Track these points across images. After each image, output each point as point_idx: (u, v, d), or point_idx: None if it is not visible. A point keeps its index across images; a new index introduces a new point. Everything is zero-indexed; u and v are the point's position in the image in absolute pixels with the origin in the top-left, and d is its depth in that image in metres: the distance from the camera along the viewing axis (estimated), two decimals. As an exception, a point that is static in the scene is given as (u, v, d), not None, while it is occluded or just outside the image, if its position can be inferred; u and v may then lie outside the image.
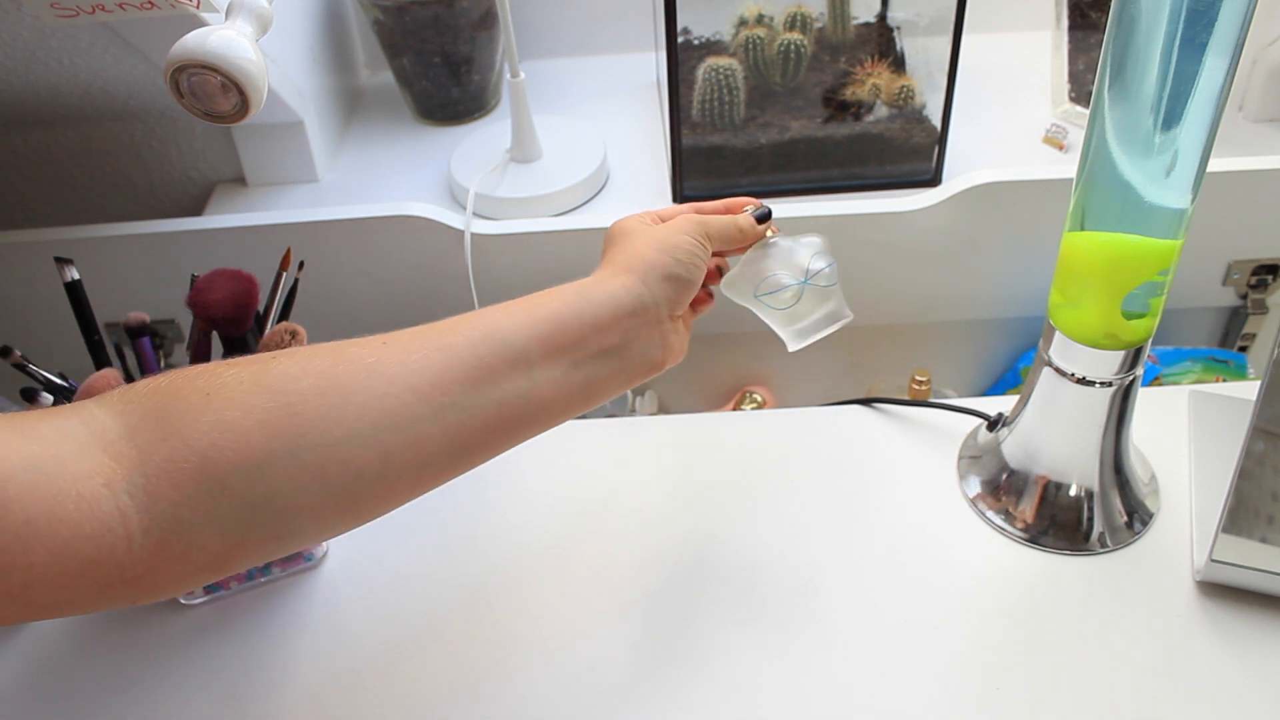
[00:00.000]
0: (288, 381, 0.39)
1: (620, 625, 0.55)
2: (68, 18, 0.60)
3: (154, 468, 0.37)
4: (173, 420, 0.38)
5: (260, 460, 0.38)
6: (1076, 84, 0.87)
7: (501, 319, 0.45)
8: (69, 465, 0.35)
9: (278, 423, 0.38)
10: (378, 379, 0.41)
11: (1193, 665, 0.52)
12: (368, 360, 0.41)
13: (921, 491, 0.62)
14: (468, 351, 0.43)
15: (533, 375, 0.44)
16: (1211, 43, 0.42)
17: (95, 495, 0.35)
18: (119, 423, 0.37)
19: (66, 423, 0.37)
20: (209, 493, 0.37)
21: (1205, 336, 0.90)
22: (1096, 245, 0.51)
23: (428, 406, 0.41)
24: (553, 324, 0.45)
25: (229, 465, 0.37)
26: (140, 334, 0.57)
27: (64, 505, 0.34)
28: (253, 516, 0.38)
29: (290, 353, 0.41)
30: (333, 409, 0.39)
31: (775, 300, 0.56)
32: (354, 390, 0.40)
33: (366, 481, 0.40)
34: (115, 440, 0.37)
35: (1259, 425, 0.52)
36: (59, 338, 0.62)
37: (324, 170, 0.88)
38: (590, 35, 1.01)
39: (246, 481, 0.38)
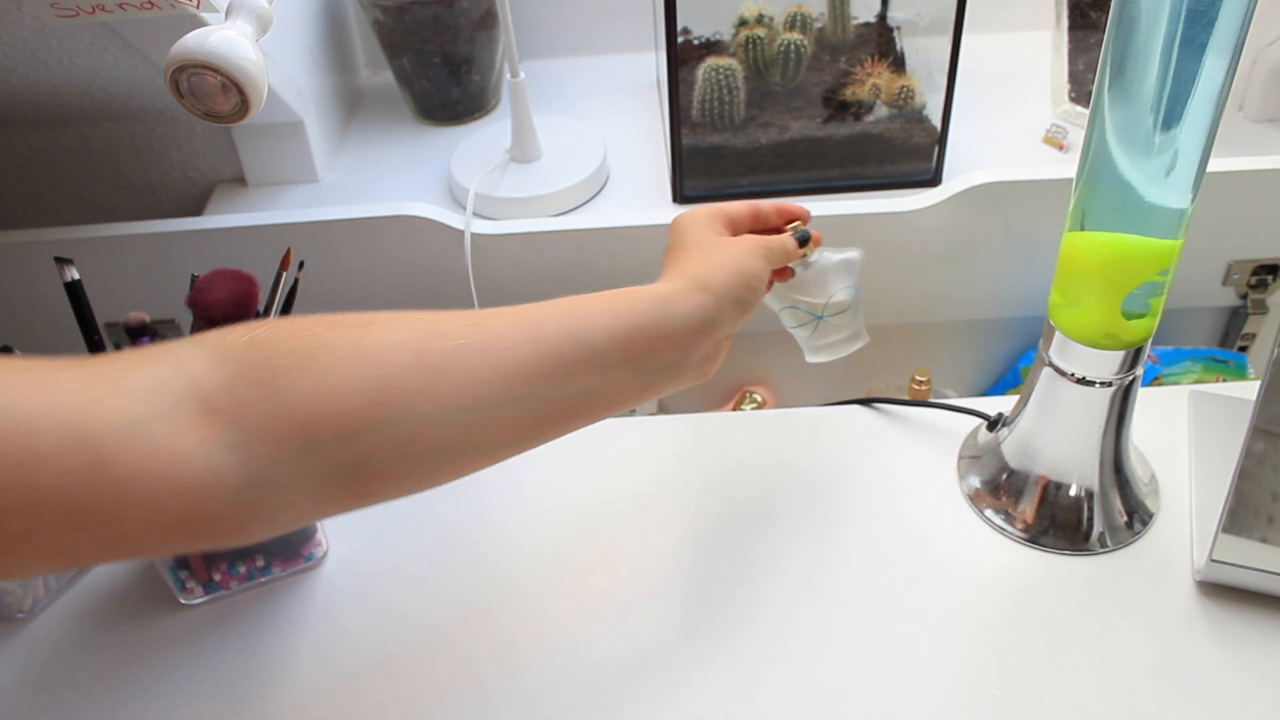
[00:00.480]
0: (387, 352, 0.41)
1: (620, 625, 0.55)
2: (68, 18, 0.60)
3: (253, 425, 0.37)
4: (274, 379, 0.38)
5: (357, 427, 0.39)
6: (1076, 84, 0.87)
7: (585, 318, 0.46)
8: (166, 421, 0.35)
9: (376, 392, 0.39)
10: (470, 361, 0.42)
11: (1193, 665, 0.52)
12: (459, 341, 0.43)
13: (921, 491, 0.62)
14: (553, 347, 0.44)
15: (606, 375, 0.46)
16: (1211, 43, 0.42)
17: (192, 452, 0.35)
18: (216, 373, 0.37)
19: (160, 372, 0.36)
20: (305, 454, 0.38)
21: (1205, 336, 0.90)
22: (1096, 245, 0.51)
23: (510, 393, 0.43)
24: (633, 330, 0.47)
25: (327, 429, 0.38)
26: (140, 334, 0.57)
27: (161, 461, 0.35)
28: (341, 478, 0.39)
29: (387, 320, 0.42)
30: (426, 385, 0.41)
31: (797, 320, 0.60)
32: (446, 369, 0.41)
33: (447, 455, 0.42)
34: (212, 393, 0.37)
35: (1259, 425, 0.52)
36: (59, 338, 0.62)
37: (324, 170, 0.88)
38: (590, 35, 1.01)
39: (342, 446, 0.39)
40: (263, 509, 0.38)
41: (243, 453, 0.37)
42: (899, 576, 0.57)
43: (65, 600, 0.60)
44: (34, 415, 0.32)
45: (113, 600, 0.60)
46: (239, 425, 0.37)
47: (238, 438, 0.37)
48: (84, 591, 0.61)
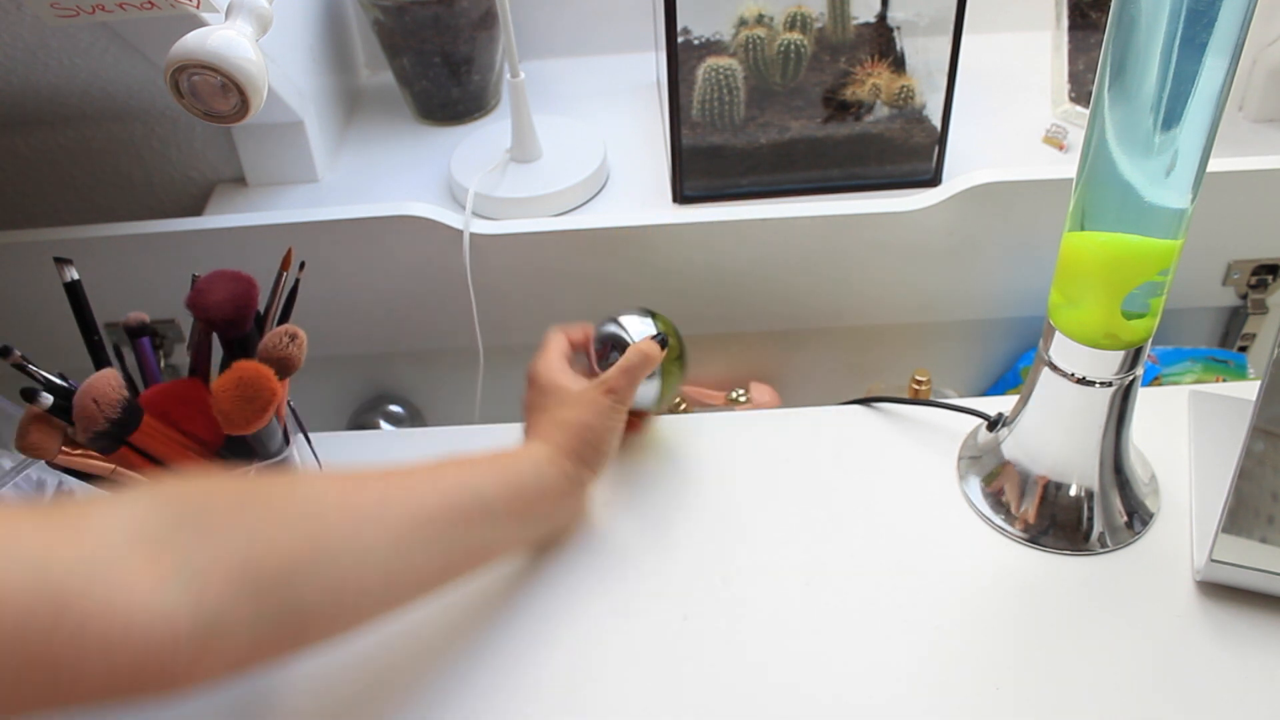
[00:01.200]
0: (316, 500, 0.44)
1: (619, 624, 0.55)
2: (68, 18, 0.60)
3: (201, 566, 0.38)
4: (215, 523, 0.40)
5: (293, 570, 0.41)
6: (1076, 84, 0.87)
7: (478, 476, 0.51)
8: (121, 561, 0.36)
9: (309, 537, 0.42)
10: (388, 510, 0.46)
11: (1193, 665, 0.52)
12: (380, 490, 0.47)
13: (921, 491, 0.62)
14: (454, 498, 0.49)
15: (497, 526, 0.52)
16: (1211, 43, 0.42)
17: (148, 591, 0.36)
18: (162, 518, 0.39)
19: (113, 516, 0.38)
20: (248, 596, 0.39)
21: (1205, 336, 0.90)
22: (1096, 245, 0.51)
23: (422, 540, 0.47)
24: (517, 490, 0.53)
25: (267, 571, 0.40)
26: (140, 334, 0.57)
27: (117, 602, 0.35)
28: (281, 622, 0.41)
29: (313, 474, 0.48)
30: (353, 531, 0.44)
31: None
32: (370, 517, 0.45)
33: (371, 598, 0.46)
34: (160, 537, 0.38)
35: (1259, 425, 0.52)
36: (59, 338, 0.62)
37: (324, 170, 0.88)
38: (590, 35, 1.01)
39: (280, 589, 0.41)
40: (209, 653, 0.38)
41: (194, 594, 0.37)
42: (899, 576, 0.57)
43: (65, 600, 0.60)
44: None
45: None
46: (188, 566, 0.38)
47: (189, 577, 0.38)
48: (84, 591, 0.60)
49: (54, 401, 0.49)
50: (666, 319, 0.64)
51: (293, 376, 0.55)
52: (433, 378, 0.92)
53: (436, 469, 0.50)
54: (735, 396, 0.88)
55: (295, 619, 0.42)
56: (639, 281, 0.81)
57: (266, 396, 0.51)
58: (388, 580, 0.46)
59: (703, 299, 0.82)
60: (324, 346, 0.68)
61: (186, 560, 0.38)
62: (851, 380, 0.91)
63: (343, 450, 0.68)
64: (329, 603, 0.43)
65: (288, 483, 0.45)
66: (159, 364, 0.58)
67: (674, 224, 0.77)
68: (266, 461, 0.56)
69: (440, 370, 0.91)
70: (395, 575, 0.46)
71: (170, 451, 0.54)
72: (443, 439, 0.70)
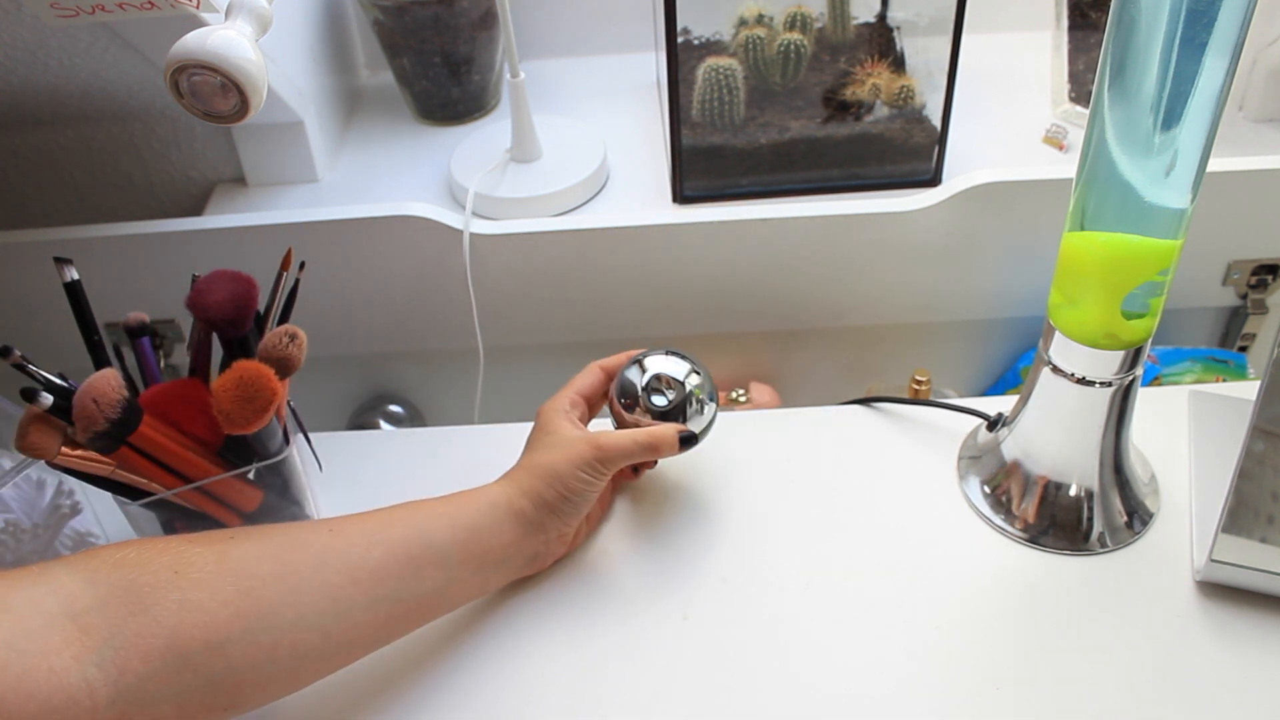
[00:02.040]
0: (249, 564, 0.43)
1: (619, 624, 0.55)
2: (68, 18, 0.60)
3: (123, 641, 0.39)
4: (142, 596, 0.40)
5: (223, 638, 0.41)
6: (1076, 84, 0.87)
7: (429, 521, 0.50)
8: (39, 640, 0.37)
9: (240, 604, 0.42)
10: (326, 569, 0.46)
11: (1193, 665, 0.52)
12: (317, 548, 0.46)
13: (921, 491, 0.62)
14: (401, 549, 0.48)
15: (450, 574, 0.50)
16: (1211, 43, 0.42)
17: (65, 668, 0.37)
18: (88, 593, 0.39)
19: (36, 592, 0.38)
20: (174, 667, 0.40)
21: (1205, 336, 0.90)
22: (1096, 245, 0.51)
23: (365, 596, 0.47)
24: (470, 534, 0.51)
25: (195, 642, 0.41)
26: (140, 334, 0.57)
27: (34, 680, 0.36)
28: (211, 690, 0.42)
29: (248, 533, 0.45)
30: (287, 594, 0.44)
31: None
32: (305, 578, 0.45)
33: (309, 660, 0.45)
34: (84, 611, 0.39)
35: (1259, 425, 0.52)
36: (59, 338, 0.62)
37: (324, 170, 0.88)
38: (590, 35, 1.01)
39: (210, 657, 0.41)
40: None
41: (114, 668, 0.38)
42: (899, 576, 0.57)
43: (65, 600, 0.60)
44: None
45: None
46: (110, 642, 0.39)
47: (109, 654, 0.38)
48: (84, 591, 0.60)
49: (54, 401, 0.49)
50: (707, 375, 0.59)
51: (293, 376, 0.55)
52: (433, 378, 0.92)
53: (387, 516, 0.50)
54: (735, 396, 0.88)
55: (228, 685, 0.42)
56: (639, 281, 0.81)
57: (267, 396, 0.51)
58: (326, 641, 0.46)
59: (703, 299, 0.82)
60: (324, 346, 0.69)
61: (109, 638, 0.39)
62: (851, 380, 0.91)
63: (343, 450, 0.68)
64: (263, 667, 0.43)
65: (225, 543, 0.44)
66: (159, 364, 0.58)
67: (674, 224, 0.77)
68: (266, 461, 0.56)
69: (440, 370, 0.91)
70: (335, 635, 0.46)
71: (170, 451, 0.54)
72: (443, 439, 0.70)
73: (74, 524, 0.61)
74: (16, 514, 0.58)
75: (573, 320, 0.84)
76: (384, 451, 0.69)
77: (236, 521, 0.57)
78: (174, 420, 0.55)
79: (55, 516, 0.60)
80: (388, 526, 0.49)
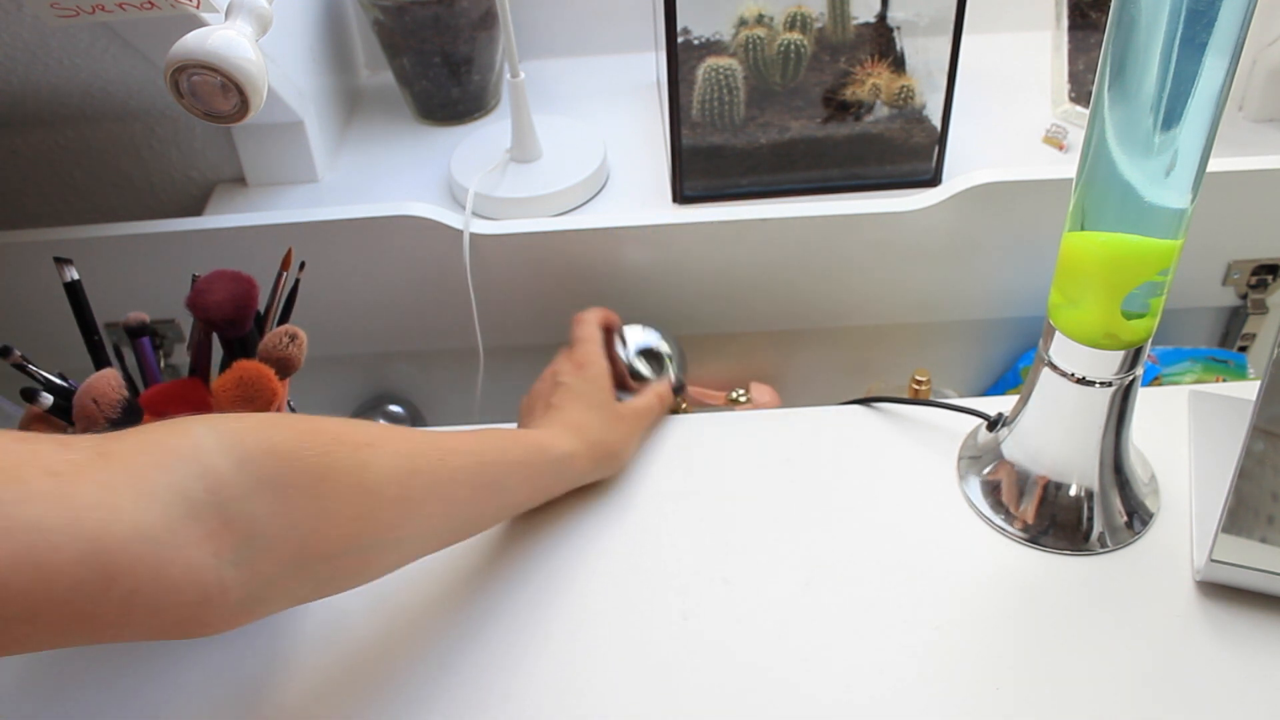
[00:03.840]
0: (380, 484, 0.45)
1: (619, 623, 0.55)
2: (68, 18, 0.60)
3: (264, 543, 0.39)
4: (288, 499, 0.40)
5: (341, 550, 0.43)
6: (1076, 84, 0.87)
7: (505, 461, 0.54)
8: (181, 532, 0.36)
9: (363, 522, 0.44)
10: (430, 498, 0.48)
11: (1193, 665, 0.52)
12: (428, 476, 0.48)
13: (921, 491, 0.62)
14: (493, 473, 0.53)
15: (504, 497, 0.55)
16: (1211, 43, 0.42)
17: (203, 565, 0.37)
18: (237, 481, 0.39)
19: (182, 476, 0.37)
20: (294, 571, 0.41)
21: (1205, 336, 0.90)
22: (1096, 245, 0.51)
23: (453, 522, 0.51)
24: (537, 475, 0.57)
25: (319, 552, 0.42)
26: (140, 334, 0.57)
27: (171, 574, 0.36)
28: (314, 590, 0.44)
29: (384, 441, 0.46)
30: (400, 518, 0.46)
31: None
32: (416, 505, 0.47)
33: (394, 567, 0.48)
34: (231, 502, 0.38)
35: (1259, 425, 0.52)
36: (59, 338, 0.62)
37: (324, 170, 0.88)
38: (590, 35, 1.01)
39: (322, 567, 0.43)
40: (252, 615, 0.40)
41: (249, 569, 0.39)
42: (899, 576, 0.57)
43: (65, 600, 0.60)
44: (52, 529, 0.33)
45: (113, 600, 0.60)
46: (250, 543, 0.39)
47: (246, 554, 0.38)
48: (84, 591, 0.60)
49: (54, 401, 0.49)
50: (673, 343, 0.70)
51: (293, 376, 0.55)
52: (433, 378, 0.92)
53: (481, 442, 0.52)
54: (735, 397, 0.88)
55: (327, 589, 0.45)
56: (639, 281, 0.81)
57: (267, 396, 0.51)
58: (423, 548, 0.50)
59: (703, 299, 0.82)
60: (324, 346, 0.68)
61: (250, 537, 0.39)
62: (851, 380, 0.91)
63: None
64: (361, 574, 0.46)
65: (360, 463, 0.44)
66: (159, 364, 0.58)
67: (674, 224, 0.77)
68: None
69: (440, 370, 0.91)
70: (421, 550, 0.50)
71: (170, 451, 0.54)
72: (443, 439, 0.70)
73: (74, 524, 0.61)
74: (16, 514, 0.58)
75: (572, 320, 0.84)
76: (384, 451, 0.69)
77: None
78: (174, 420, 0.55)
79: (55, 516, 0.59)
80: (483, 446, 0.52)
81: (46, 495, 0.33)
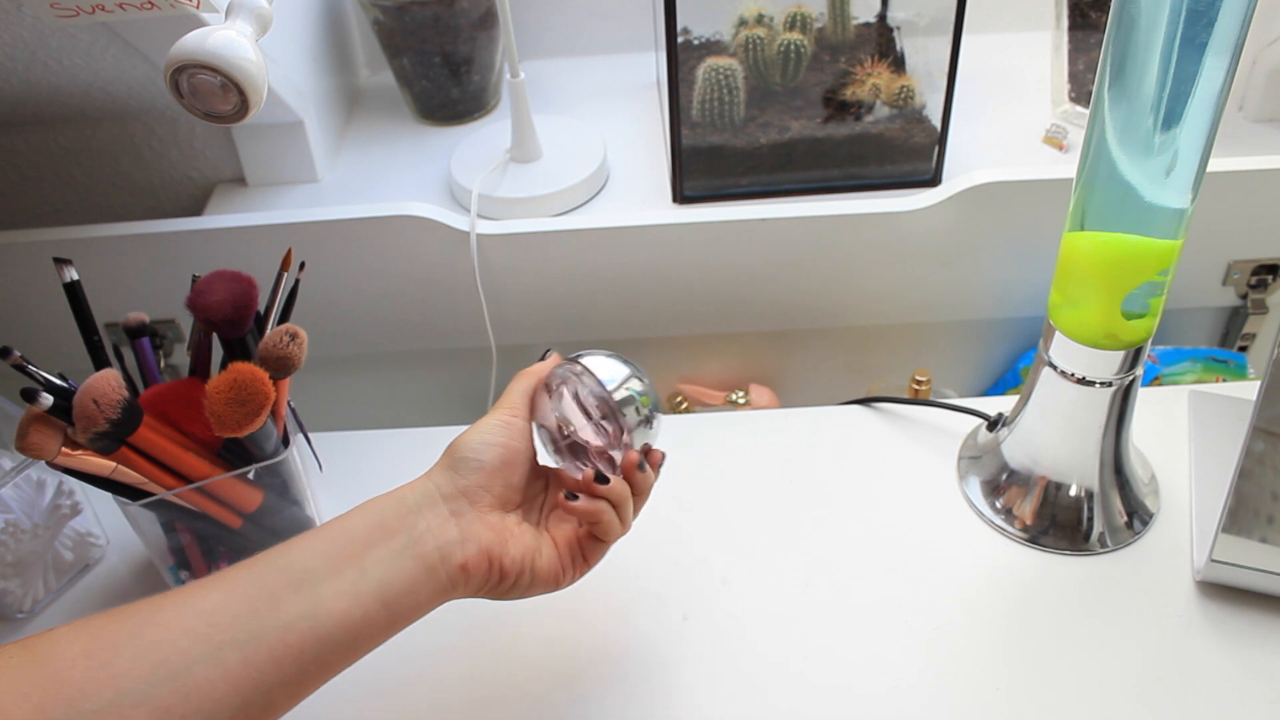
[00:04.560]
0: (58, 648, 0.38)
1: (619, 623, 0.55)
2: (68, 18, 0.60)
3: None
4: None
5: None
6: (1076, 84, 0.87)
7: (295, 544, 0.43)
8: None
9: (45, 695, 0.36)
10: (153, 627, 0.39)
11: (1193, 665, 0.52)
12: (142, 610, 0.39)
13: (921, 491, 0.62)
14: (247, 582, 0.41)
15: (319, 591, 0.41)
16: (1211, 43, 0.42)
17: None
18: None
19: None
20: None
21: (1205, 336, 0.90)
22: (1096, 245, 0.51)
23: (204, 647, 0.39)
24: (341, 535, 0.43)
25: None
26: (140, 334, 0.57)
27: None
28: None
29: (70, 623, 0.39)
30: (102, 668, 0.37)
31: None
32: (125, 644, 0.38)
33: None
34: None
35: (1259, 425, 0.52)
36: (59, 338, 0.62)
37: (324, 170, 0.88)
38: (590, 35, 1.01)
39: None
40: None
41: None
42: (899, 576, 0.57)
43: (65, 600, 0.60)
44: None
45: (113, 600, 0.60)
46: None
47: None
48: (84, 591, 0.61)
49: (54, 401, 0.49)
50: (648, 384, 0.49)
51: (293, 376, 0.55)
52: (433, 378, 0.92)
53: (248, 559, 0.42)
54: (735, 398, 0.88)
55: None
56: (639, 281, 0.81)
57: (260, 400, 0.51)
58: (165, 715, 0.38)
59: (703, 299, 0.82)
60: (324, 346, 0.68)
61: None
62: (851, 380, 0.91)
63: (343, 450, 0.68)
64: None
65: (37, 638, 0.38)
66: (159, 364, 0.58)
67: (674, 224, 0.77)
68: (264, 463, 0.56)
69: (441, 370, 0.91)
70: (174, 705, 0.38)
71: (170, 452, 0.54)
72: (442, 439, 0.69)
73: (74, 524, 0.61)
74: (16, 514, 0.58)
75: (572, 320, 0.84)
76: (384, 451, 0.69)
77: (237, 522, 0.57)
78: (174, 421, 0.55)
79: (55, 516, 0.60)
80: (243, 566, 0.41)
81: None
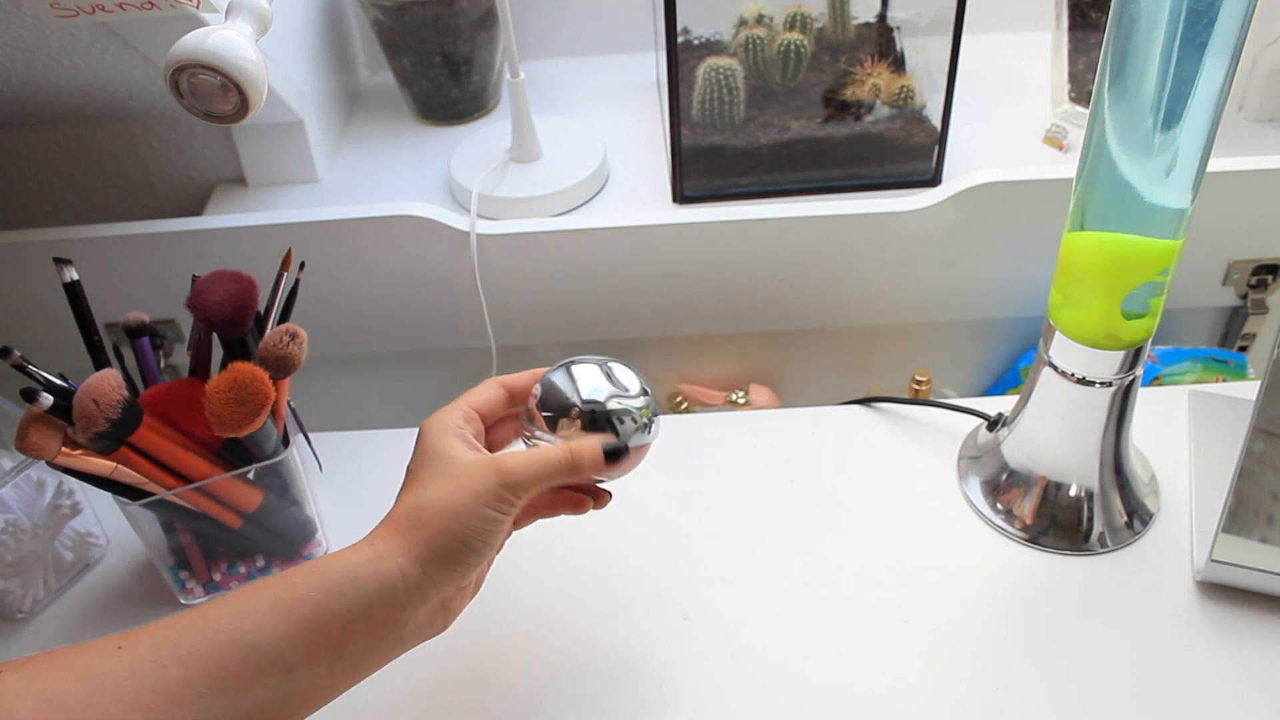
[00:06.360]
0: (4, 708, 0.35)
1: (620, 624, 0.55)
2: (68, 18, 0.60)
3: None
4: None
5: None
6: (1076, 84, 0.87)
7: (251, 619, 0.40)
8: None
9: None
10: (105, 696, 0.36)
11: (1193, 665, 0.52)
12: (97, 671, 0.37)
13: (921, 491, 0.62)
14: (211, 661, 0.38)
15: (292, 677, 0.40)
16: (1211, 43, 0.42)
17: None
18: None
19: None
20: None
21: (1205, 336, 0.90)
22: (1096, 245, 0.51)
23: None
24: (314, 623, 0.40)
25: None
26: (140, 334, 0.57)
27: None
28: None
29: (17, 666, 0.37)
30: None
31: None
32: (77, 713, 0.36)
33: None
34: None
35: (1259, 425, 0.52)
36: (59, 338, 0.62)
37: (324, 170, 0.88)
38: (590, 35, 1.01)
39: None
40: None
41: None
42: (899, 576, 0.57)
43: (65, 600, 0.60)
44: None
45: (113, 600, 0.60)
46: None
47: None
48: (84, 591, 0.61)
49: (54, 401, 0.49)
50: (647, 388, 0.48)
51: (293, 376, 0.55)
52: (433, 378, 0.92)
53: (191, 622, 0.39)
54: (735, 398, 0.88)
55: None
56: (639, 281, 0.81)
57: (259, 400, 0.51)
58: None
59: (703, 299, 0.82)
60: (324, 346, 0.69)
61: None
62: (851, 380, 0.91)
63: (343, 450, 0.68)
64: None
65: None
66: (159, 364, 0.58)
67: (674, 224, 0.77)
68: (264, 463, 0.56)
69: (441, 370, 0.90)
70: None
71: (170, 452, 0.54)
72: (443, 439, 0.70)
73: (74, 524, 0.61)
74: (16, 514, 0.58)
75: (571, 320, 0.84)
76: (384, 451, 0.69)
77: (237, 522, 0.58)
78: (174, 420, 0.55)
79: (55, 516, 0.60)
80: (194, 635, 0.39)
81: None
